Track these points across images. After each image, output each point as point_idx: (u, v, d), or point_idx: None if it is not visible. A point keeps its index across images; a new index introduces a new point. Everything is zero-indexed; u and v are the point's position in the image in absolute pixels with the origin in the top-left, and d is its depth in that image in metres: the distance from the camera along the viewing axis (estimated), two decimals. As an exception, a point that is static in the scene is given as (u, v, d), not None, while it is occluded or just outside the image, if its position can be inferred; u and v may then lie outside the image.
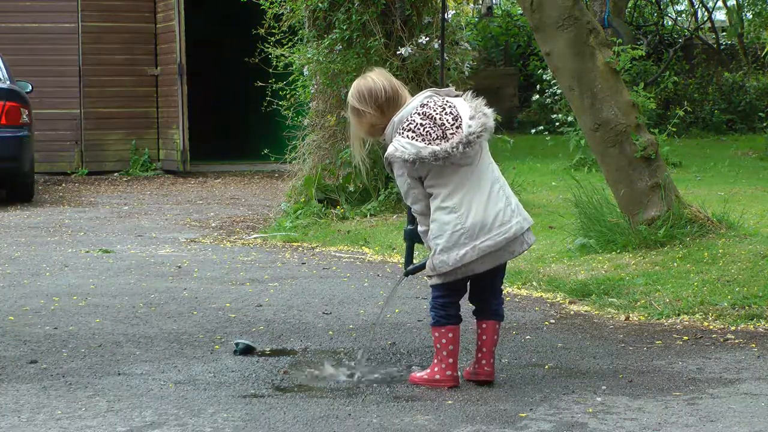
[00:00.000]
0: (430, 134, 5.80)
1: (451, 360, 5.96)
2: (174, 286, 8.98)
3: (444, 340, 5.96)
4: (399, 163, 5.86)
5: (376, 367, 6.39)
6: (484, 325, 6.07)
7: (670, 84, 22.21)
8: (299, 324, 7.57)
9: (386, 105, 5.93)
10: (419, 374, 6.06)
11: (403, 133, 5.84)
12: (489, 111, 5.90)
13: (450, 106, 5.87)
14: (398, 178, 5.93)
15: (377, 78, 6.00)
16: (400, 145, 5.83)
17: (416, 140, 5.80)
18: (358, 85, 6.01)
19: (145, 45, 20.11)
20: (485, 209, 5.85)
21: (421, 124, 5.81)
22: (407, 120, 5.85)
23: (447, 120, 5.82)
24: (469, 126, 5.79)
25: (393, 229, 11.46)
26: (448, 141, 5.79)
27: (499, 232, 5.85)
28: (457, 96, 5.96)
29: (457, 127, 5.80)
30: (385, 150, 5.94)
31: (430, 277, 5.99)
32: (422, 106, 5.87)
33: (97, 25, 19.88)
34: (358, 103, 5.97)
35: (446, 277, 5.92)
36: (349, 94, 6.05)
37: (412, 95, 6.02)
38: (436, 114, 5.84)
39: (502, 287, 6.23)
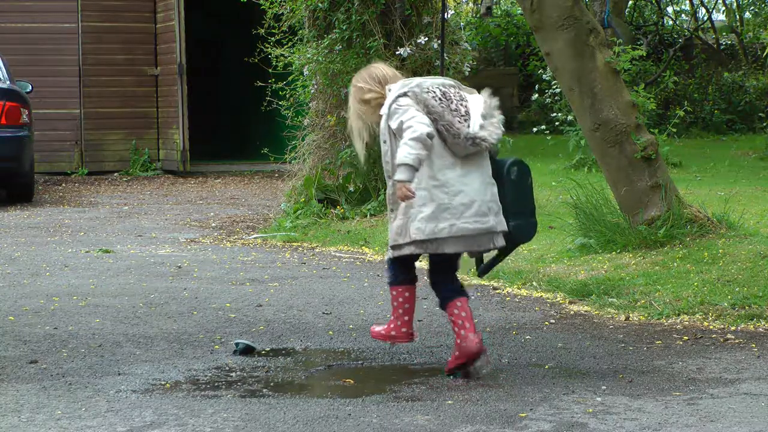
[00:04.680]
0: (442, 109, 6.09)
1: (406, 318, 6.27)
2: (174, 286, 8.98)
3: (401, 299, 6.24)
4: (412, 95, 6.03)
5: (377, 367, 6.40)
6: (459, 303, 6.18)
7: (671, 84, 22.19)
8: (299, 324, 7.58)
9: (384, 80, 6.25)
10: (378, 329, 6.37)
11: (420, 93, 6.07)
12: (500, 118, 6.20)
13: (465, 102, 6.15)
14: (405, 108, 6.01)
15: (376, 64, 6.43)
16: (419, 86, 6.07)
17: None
18: (360, 72, 6.39)
19: (145, 45, 20.09)
20: (473, 194, 6.08)
21: (439, 98, 6.08)
22: (428, 88, 6.10)
23: (460, 110, 6.09)
24: (482, 126, 6.09)
25: (393, 229, 11.43)
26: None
27: (478, 221, 6.09)
28: (474, 94, 6.25)
29: (465, 121, 6.07)
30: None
31: (394, 246, 6.13)
32: (444, 86, 6.15)
33: (97, 25, 19.86)
34: (362, 83, 6.27)
35: (415, 247, 6.07)
36: (352, 83, 6.38)
37: None
38: (455, 100, 6.11)
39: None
